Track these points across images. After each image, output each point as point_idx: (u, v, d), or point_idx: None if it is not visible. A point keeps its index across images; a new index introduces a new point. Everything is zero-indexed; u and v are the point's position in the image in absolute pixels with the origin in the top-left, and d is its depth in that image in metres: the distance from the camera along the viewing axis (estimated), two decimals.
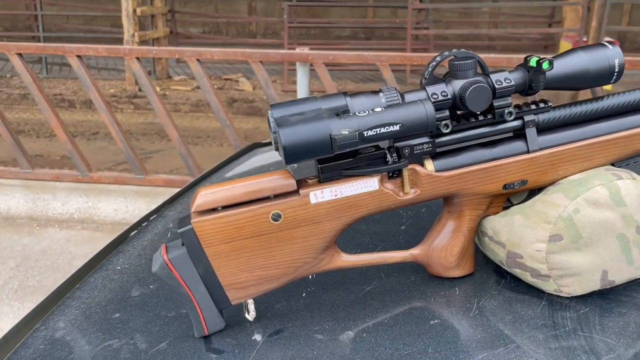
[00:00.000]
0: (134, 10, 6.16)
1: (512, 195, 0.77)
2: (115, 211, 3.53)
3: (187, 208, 1.14)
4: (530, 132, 0.72)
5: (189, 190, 1.23)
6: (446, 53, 0.71)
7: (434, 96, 0.68)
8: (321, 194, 0.68)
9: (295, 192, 0.68)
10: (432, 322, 0.69)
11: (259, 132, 5.65)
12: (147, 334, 0.72)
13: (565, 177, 0.73)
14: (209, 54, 3.18)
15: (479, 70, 0.71)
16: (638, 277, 0.71)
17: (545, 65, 0.67)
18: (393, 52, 3.29)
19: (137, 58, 3.22)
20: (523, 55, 0.73)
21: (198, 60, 3.21)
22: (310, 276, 0.81)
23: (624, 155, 0.74)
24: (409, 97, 0.69)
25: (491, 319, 0.69)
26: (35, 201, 3.55)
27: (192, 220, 0.66)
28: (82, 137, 5.49)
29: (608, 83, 0.72)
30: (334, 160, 0.68)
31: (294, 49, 6.80)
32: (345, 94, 0.67)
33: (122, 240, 1.02)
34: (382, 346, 0.66)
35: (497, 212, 0.76)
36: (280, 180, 0.67)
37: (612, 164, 0.75)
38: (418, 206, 0.99)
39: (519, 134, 0.73)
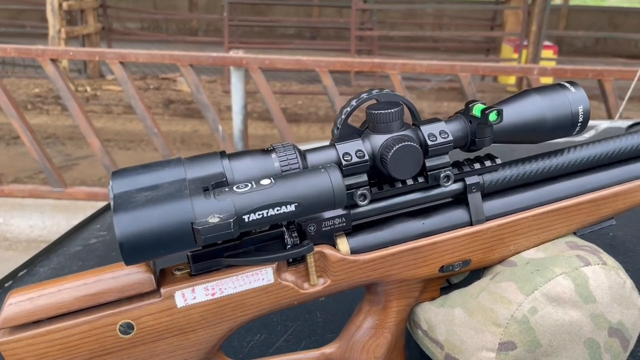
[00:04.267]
0: (60, 4, 5.72)
1: None
2: (30, 227, 3.20)
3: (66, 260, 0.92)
4: (474, 198, 0.55)
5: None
6: (364, 95, 0.53)
7: (347, 158, 0.50)
8: (192, 294, 0.49)
9: (154, 293, 0.48)
10: None
11: (197, 136, 5.37)
12: None
13: (518, 252, 0.57)
14: (133, 57, 2.91)
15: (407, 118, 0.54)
16: None
17: (492, 117, 0.50)
18: (334, 58, 3.13)
19: (53, 60, 2.92)
20: (466, 61, 0.56)
21: (122, 63, 2.94)
22: None
23: (588, 223, 0.59)
24: (312, 158, 0.50)
25: None
26: None
27: None
28: (0, 141, 5.05)
29: (569, 135, 0.56)
30: (210, 244, 0.49)
31: (235, 47, 6.54)
32: (222, 154, 0.48)
33: None
34: None
35: (433, 298, 0.59)
36: (131, 276, 0.47)
37: (574, 232, 0.60)
38: None
39: (459, 198, 0.57)
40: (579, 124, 0.55)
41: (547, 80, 5.27)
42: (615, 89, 2.95)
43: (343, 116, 0.53)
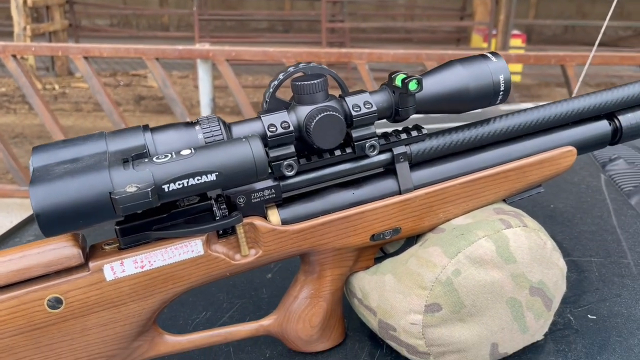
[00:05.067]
0: (25, 1, 5.61)
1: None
2: None
3: None
4: (402, 167, 0.57)
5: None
6: (291, 69, 0.54)
7: (272, 129, 0.51)
8: (121, 267, 0.49)
9: (82, 267, 0.49)
10: None
11: None
12: None
13: (448, 220, 0.59)
14: (97, 51, 2.88)
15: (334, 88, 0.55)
16: (533, 342, 0.58)
17: (412, 86, 0.52)
18: (301, 49, 3.12)
19: (14, 56, 2.86)
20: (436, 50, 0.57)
21: (86, 58, 2.89)
22: None
23: (516, 190, 0.61)
24: (237, 131, 0.51)
25: None
26: None
27: None
28: None
29: (493, 104, 0.58)
30: (137, 217, 0.50)
31: (206, 42, 6.48)
32: (145, 127, 0.49)
33: None
34: None
35: (367, 267, 0.60)
36: (58, 251, 0.48)
37: (504, 200, 0.62)
38: None
39: (388, 168, 0.58)
40: (501, 92, 0.56)
41: (513, 67, 5.36)
42: (577, 74, 3.01)
43: (271, 89, 0.54)
